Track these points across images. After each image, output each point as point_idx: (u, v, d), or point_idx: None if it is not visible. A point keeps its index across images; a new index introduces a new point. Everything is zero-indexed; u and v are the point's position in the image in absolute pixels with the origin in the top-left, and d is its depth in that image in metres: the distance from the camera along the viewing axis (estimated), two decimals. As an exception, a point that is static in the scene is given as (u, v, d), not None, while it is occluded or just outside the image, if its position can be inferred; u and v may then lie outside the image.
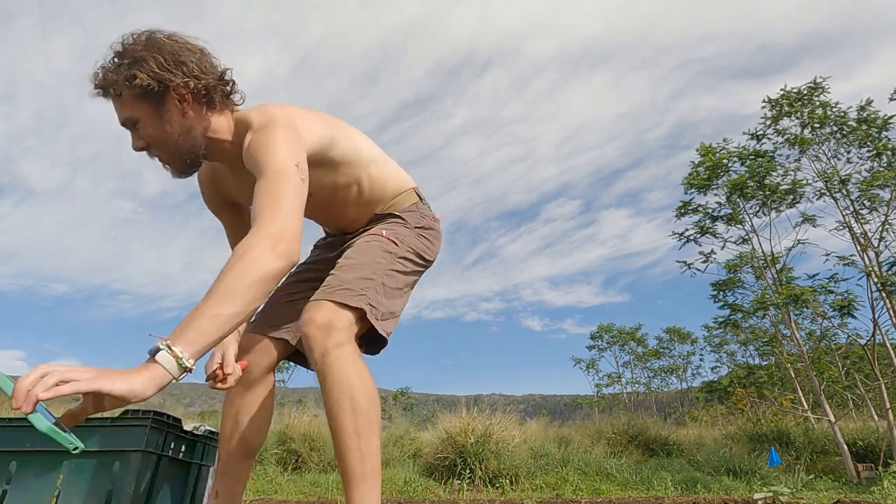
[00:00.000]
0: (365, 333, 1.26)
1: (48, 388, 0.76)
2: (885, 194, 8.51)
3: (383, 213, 1.48)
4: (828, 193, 8.93)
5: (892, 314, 8.10)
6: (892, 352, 8.46)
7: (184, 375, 0.87)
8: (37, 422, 0.77)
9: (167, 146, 1.21)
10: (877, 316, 8.06)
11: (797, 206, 9.34)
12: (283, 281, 1.54)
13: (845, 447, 7.87)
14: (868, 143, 8.67)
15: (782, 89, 9.28)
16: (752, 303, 9.00)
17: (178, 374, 0.86)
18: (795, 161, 9.32)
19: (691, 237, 9.94)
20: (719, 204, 9.72)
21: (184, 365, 0.86)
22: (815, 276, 8.71)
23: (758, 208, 9.50)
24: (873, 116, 8.63)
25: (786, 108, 9.26)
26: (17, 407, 0.75)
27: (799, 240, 9.26)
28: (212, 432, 1.87)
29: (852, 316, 8.07)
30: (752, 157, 9.38)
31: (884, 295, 8.01)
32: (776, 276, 9.25)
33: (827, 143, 9.16)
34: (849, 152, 9.00)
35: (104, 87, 1.17)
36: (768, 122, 9.50)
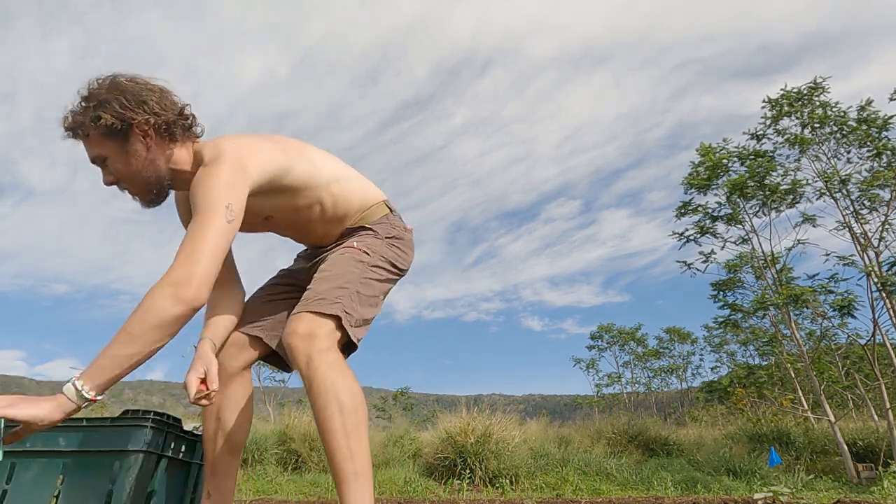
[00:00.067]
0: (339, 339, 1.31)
1: None
2: (885, 194, 8.50)
3: (354, 227, 1.54)
4: (828, 193, 8.92)
5: (892, 314, 8.09)
6: (892, 352, 8.46)
7: (87, 404, 1.06)
8: None
9: (134, 179, 1.31)
10: (877, 316, 8.07)
11: (797, 206, 9.34)
12: (266, 282, 1.64)
13: (845, 447, 7.87)
14: (868, 143, 8.66)
15: (782, 89, 9.28)
16: (752, 303, 8.99)
17: (80, 403, 1.05)
18: (795, 161, 9.32)
19: (691, 237, 9.94)
20: (719, 204, 9.71)
21: (84, 396, 1.04)
22: (815, 276, 8.71)
23: (758, 208, 9.50)
24: (873, 116, 8.62)
25: (786, 108, 9.25)
26: None
27: (799, 240, 9.26)
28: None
29: (852, 316, 8.07)
30: (752, 157, 9.38)
31: (884, 295, 8.01)
32: (776, 276, 9.24)
33: (827, 143, 9.15)
34: (849, 152, 9.00)
35: (73, 129, 1.28)
36: (768, 122, 9.50)
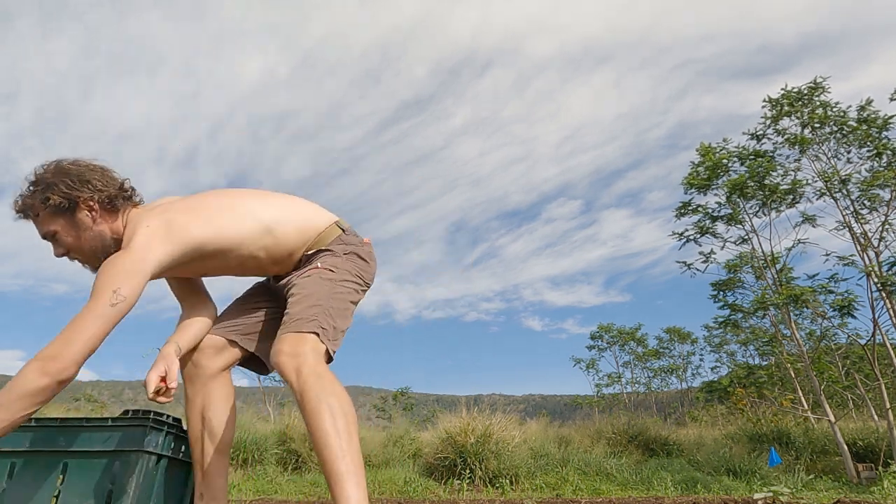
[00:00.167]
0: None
1: None
2: (885, 194, 8.50)
3: (310, 254, 1.58)
4: (828, 193, 8.92)
5: (892, 314, 8.09)
6: (892, 352, 8.46)
7: None
8: None
9: (83, 250, 1.44)
10: (877, 316, 8.07)
11: (797, 206, 9.34)
12: (244, 292, 1.74)
13: (845, 447, 7.87)
14: (868, 142, 8.66)
15: (782, 89, 9.28)
16: (752, 303, 8.99)
17: None
18: (795, 161, 9.32)
19: (691, 237, 9.94)
20: (719, 204, 9.71)
21: None
22: (815, 276, 8.72)
23: (758, 208, 9.49)
24: (873, 116, 8.62)
25: (786, 108, 9.25)
26: None
27: (799, 240, 9.26)
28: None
29: (852, 316, 8.08)
30: (752, 157, 9.37)
31: (884, 295, 8.01)
32: (776, 276, 9.24)
33: (827, 143, 9.15)
34: (849, 152, 9.00)
35: (24, 210, 1.40)
36: (768, 122, 9.50)
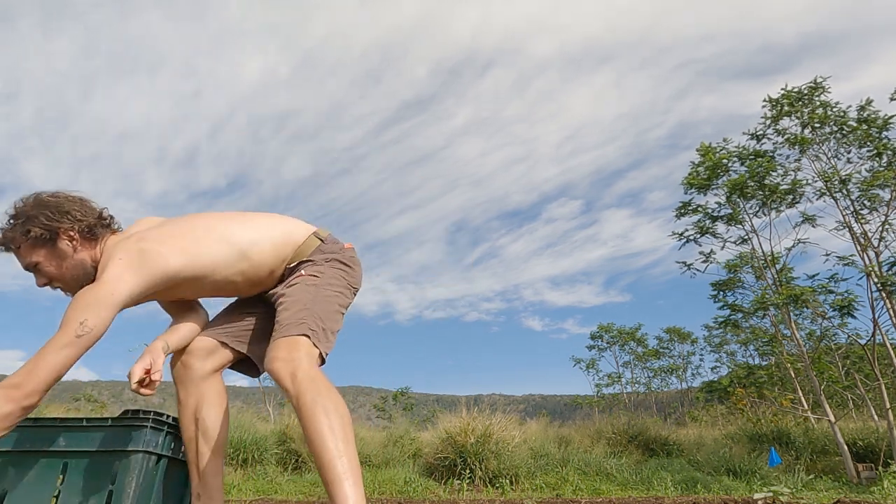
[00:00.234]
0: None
1: None
2: (885, 194, 8.50)
3: (292, 267, 1.59)
4: (828, 193, 8.92)
5: (892, 314, 8.09)
6: (892, 352, 8.46)
7: None
8: None
9: (65, 279, 1.46)
10: (877, 316, 8.07)
11: (797, 206, 9.34)
12: (239, 298, 1.73)
13: (845, 447, 7.87)
14: (868, 142, 8.65)
15: (782, 89, 9.27)
16: (752, 303, 8.99)
17: None
18: (795, 161, 9.32)
19: (691, 237, 9.94)
20: (719, 204, 9.71)
21: None
22: (815, 276, 8.71)
23: (758, 208, 9.49)
24: (873, 116, 8.62)
25: (786, 108, 9.25)
26: None
27: (799, 240, 9.26)
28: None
29: (852, 316, 8.07)
30: (752, 156, 9.37)
31: (884, 295, 8.00)
32: (776, 276, 9.24)
33: (827, 143, 9.15)
34: (849, 152, 8.99)
35: (5, 243, 1.42)
36: (768, 122, 9.49)
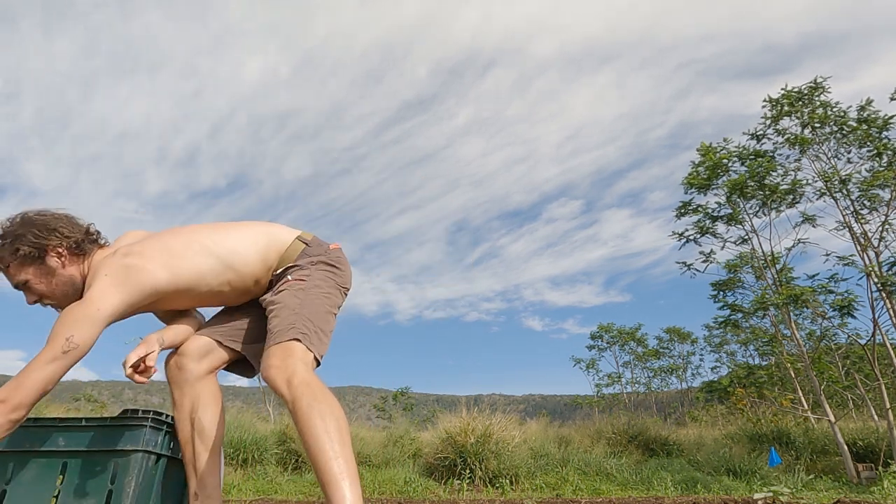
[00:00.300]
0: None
1: None
2: (885, 194, 8.50)
3: (279, 273, 1.59)
4: (828, 193, 8.92)
5: (892, 314, 8.09)
6: (892, 352, 8.46)
7: None
8: None
9: (55, 295, 1.48)
10: (877, 316, 8.07)
11: (797, 206, 9.34)
12: (235, 305, 1.71)
13: (845, 447, 7.87)
14: (868, 142, 8.65)
15: (783, 89, 9.27)
16: (752, 303, 8.99)
17: None
18: (795, 161, 9.32)
19: (691, 237, 9.94)
20: (719, 204, 9.71)
21: None
22: (815, 276, 8.71)
23: (758, 208, 9.49)
24: (873, 116, 8.62)
25: (786, 108, 9.25)
26: None
27: (799, 240, 9.26)
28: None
29: (852, 316, 8.07)
30: (752, 156, 9.37)
31: (884, 295, 8.00)
32: (776, 276, 9.24)
33: (827, 143, 9.15)
34: (849, 152, 8.99)
35: None
36: (768, 122, 9.49)
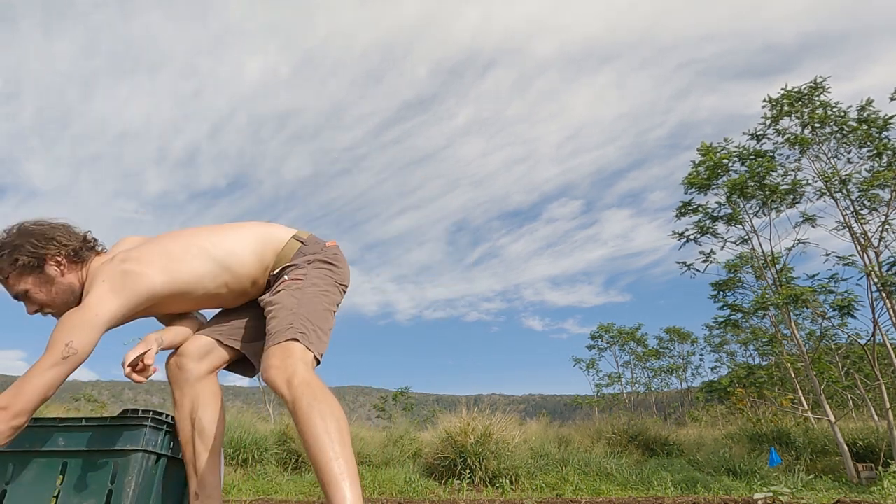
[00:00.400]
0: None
1: None
2: (885, 194, 8.50)
3: (276, 273, 1.59)
4: (828, 193, 8.92)
5: (892, 314, 8.09)
6: (892, 352, 8.46)
7: None
8: None
9: (55, 304, 1.49)
10: (877, 316, 8.07)
11: (797, 206, 9.35)
12: (233, 307, 1.72)
13: (845, 447, 7.87)
14: (868, 142, 8.66)
15: (782, 89, 9.28)
16: (752, 303, 8.99)
17: None
18: (795, 161, 9.32)
19: (691, 237, 9.94)
20: (719, 204, 9.71)
21: None
22: (815, 277, 8.72)
23: (758, 208, 9.50)
24: (873, 116, 8.62)
25: (786, 108, 9.25)
26: None
27: (799, 240, 9.26)
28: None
29: (852, 316, 8.08)
30: (753, 156, 9.37)
31: (884, 295, 8.00)
32: (776, 276, 9.24)
33: (827, 143, 9.15)
34: (849, 152, 9.00)
35: None
36: (768, 122, 9.50)
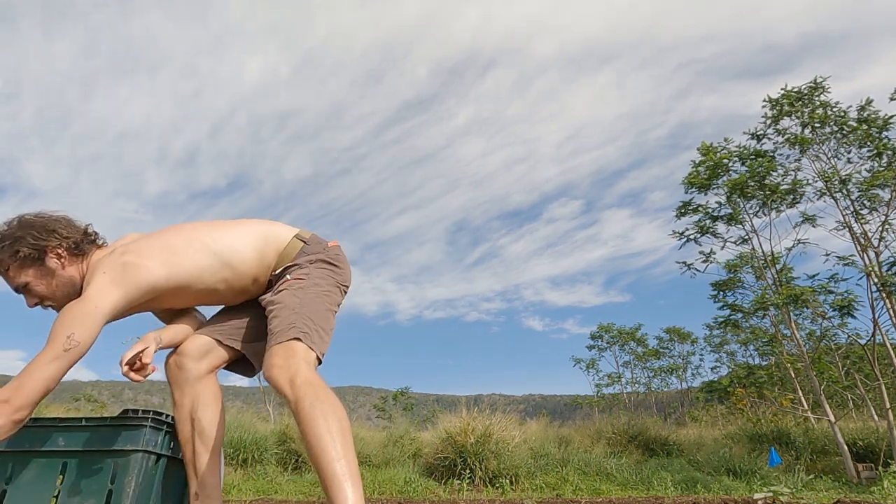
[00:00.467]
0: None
1: None
2: (885, 194, 8.50)
3: (278, 272, 1.59)
4: (828, 193, 8.92)
5: (892, 314, 8.09)
6: (892, 352, 8.46)
7: None
8: None
9: (56, 296, 1.48)
10: (877, 316, 8.07)
11: (797, 206, 9.35)
12: (234, 304, 1.71)
13: (845, 447, 7.87)
14: (868, 142, 8.66)
15: (782, 89, 9.28)
16: (752, 303, 8.99)
17: None
18: (796, 161, 9.32)
19: (691, 237, 9.95)
20: (719, 204, 9.71)
21: None
22: (815, 277, 8.72)
23: (758, 208, 9.50)
24: (873, 116, 8.62)
25: (786, 108, 9.25)
26: None
27: (799, 240, 9.26)
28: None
29: (852, 316, 8.08)
30: (753, 156, 9.38)
31: (884, 295, 8.00)
32: (776, 276, 9.24)
33: (827, 143, 9.15)
34: (849, 152, 9.00)
35: None
36: (769, 122, 9.50)
